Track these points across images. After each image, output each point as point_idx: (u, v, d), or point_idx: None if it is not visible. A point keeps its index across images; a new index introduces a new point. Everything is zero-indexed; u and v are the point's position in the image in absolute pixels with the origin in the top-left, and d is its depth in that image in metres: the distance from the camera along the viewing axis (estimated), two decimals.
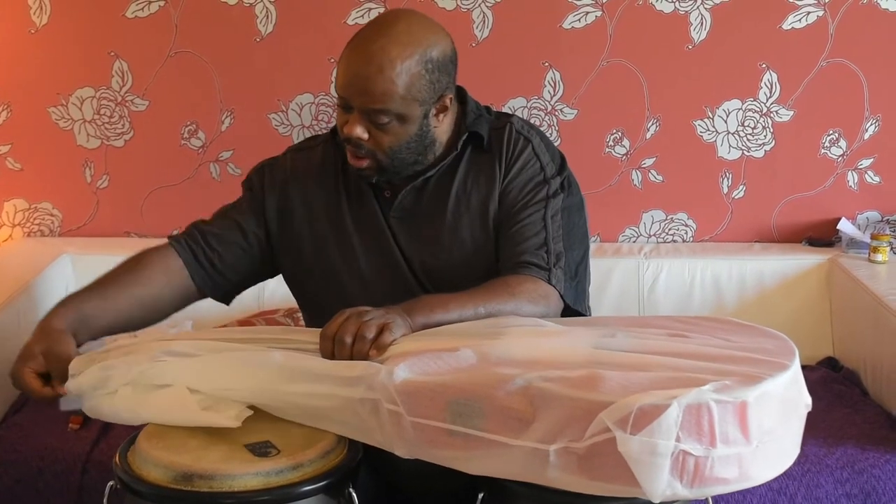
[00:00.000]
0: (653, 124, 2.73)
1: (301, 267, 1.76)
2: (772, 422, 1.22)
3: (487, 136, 1.72)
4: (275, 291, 2.48)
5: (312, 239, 1.75)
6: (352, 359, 1.39)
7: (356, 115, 1.61)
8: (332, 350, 1.41)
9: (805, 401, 1.33)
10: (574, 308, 1.67)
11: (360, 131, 1.61)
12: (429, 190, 1.71)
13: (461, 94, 1.76)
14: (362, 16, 2.65)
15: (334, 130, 1.75)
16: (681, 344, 1.39)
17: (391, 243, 1.70)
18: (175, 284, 1.70)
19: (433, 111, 1.65)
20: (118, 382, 1.40)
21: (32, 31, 2.67)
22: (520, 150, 1.71)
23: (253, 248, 1.75)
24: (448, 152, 1.71)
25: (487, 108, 1.79)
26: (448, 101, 1.66)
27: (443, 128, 1.69)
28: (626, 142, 2.74)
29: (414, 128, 1.63)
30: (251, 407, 1.38)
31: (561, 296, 1.63)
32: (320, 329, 1.45)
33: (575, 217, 1.72)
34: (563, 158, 1.75)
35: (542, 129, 2.67)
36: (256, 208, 1.76)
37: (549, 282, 1.62)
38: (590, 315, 1.74)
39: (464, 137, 1.70)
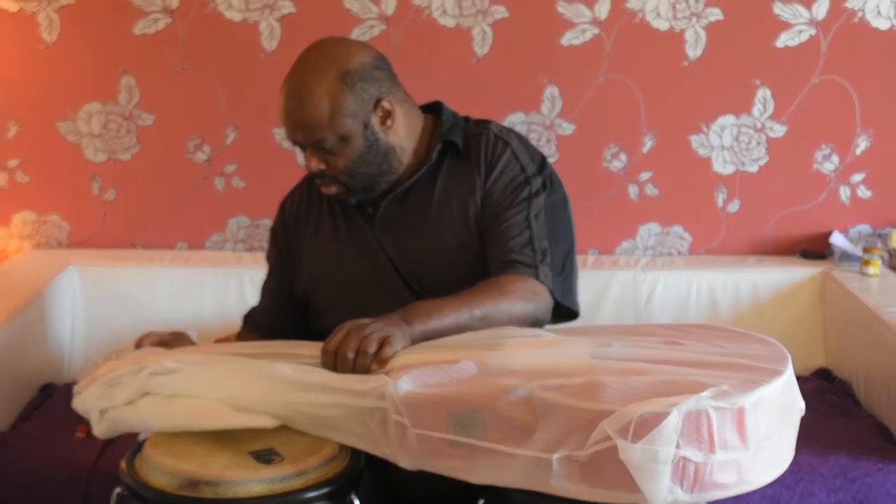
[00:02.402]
0: (649, 139, 2.75)
1: (307, 296, 1.82)
2: (768, 426, 1.24)
3: (464, 143, 1.74)
4: None
5: (309, 270, 1.80)
6: (354, 373, 1.41)
7: (308, 151, 1.67)
8: (333, 364, 1.43)
9: (799, 405, 1.35)
10: (563, 303, 1.68)
11: (315, 163, 1.67)
12: (410, 200, 1.74)
13: (436, 107, 1.79)
14: (364, 33, 2.67)
15: None
16: (676, 352, 1.40)
17: (380, 254, 1.73)
18: None
19: (374, 119, 1.67)
20: (126, 392, 1.42)
21: (42, 48, 2.69)
22: (499, 153, 1.73)
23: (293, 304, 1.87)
24: (423, 162, 1.73)
25: (466, 118, 1.80)
26: (388, 105, 1.67)
27: (398, 133, 1.70)
28: (623, 156, 2.76)
29: (360, 142, 1.66)
30: None
31: (550, 291, 1.65)
32: (321, 343, 1.47)
33: (559, 214, 1.73)
34: (543, 158, 1.77)
35: (540, 143, 2.73)
36: (279, 274, 1.88)
37: (538, 278, 1.64)
38: (578, 309, 1.75)
39: (438, 147, 1.73)
